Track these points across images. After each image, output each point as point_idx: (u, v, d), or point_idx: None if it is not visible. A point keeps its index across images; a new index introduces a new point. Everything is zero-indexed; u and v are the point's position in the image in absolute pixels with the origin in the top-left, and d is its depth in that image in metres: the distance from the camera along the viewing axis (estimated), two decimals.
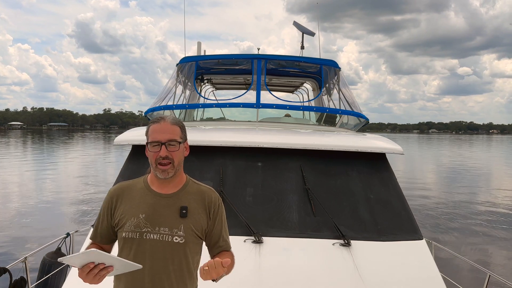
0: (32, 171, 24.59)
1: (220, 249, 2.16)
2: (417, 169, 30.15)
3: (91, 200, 15.07)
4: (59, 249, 4.74)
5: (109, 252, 2.16)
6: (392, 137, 4.54)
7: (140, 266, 1.83)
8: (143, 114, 5.53)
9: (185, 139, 2.12)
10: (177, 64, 5.83)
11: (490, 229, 12.18)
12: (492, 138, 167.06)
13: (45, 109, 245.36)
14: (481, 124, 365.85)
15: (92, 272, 1.74)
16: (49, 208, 14.01)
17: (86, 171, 25.18)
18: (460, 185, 21.59)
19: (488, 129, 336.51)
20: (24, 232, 10.85)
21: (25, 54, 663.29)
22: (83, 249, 3.20)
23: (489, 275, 3.80)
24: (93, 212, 13.14)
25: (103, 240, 2.16)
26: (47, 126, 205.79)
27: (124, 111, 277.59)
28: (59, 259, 1.73)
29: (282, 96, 9.42)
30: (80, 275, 1.77)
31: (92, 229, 3.42)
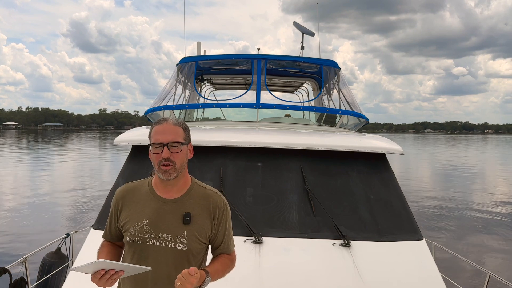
0: (30, 171, 24.50)
1: (219, 252, 2.16)
2: (414, 168, 30.24)
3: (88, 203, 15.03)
4: (59, 249, 4.73)
5: (122, 248, 2.19)
6: (388, 137, 4.57)
7: (149, 268, 1.86)
8: (144, 114, 5.52)
9: (189, 141, 2.10)
10: (177, 64, 5.81)
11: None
12: (487, 138, 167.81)
13: (40, 109, 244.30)
14: (476, 124, 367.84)
15: (103, 277, 1.78)
16: (46, 208, 13.97)
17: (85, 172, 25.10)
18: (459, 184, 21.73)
19: (483, 129, 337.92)
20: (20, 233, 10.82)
21: (20, 54, 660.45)
22: (87, 249, 3.21)
23: (489, 275, 3.82)
24: (90, 211, 13.13)
25: (113, 238, 2.18)
26: (42, 126, 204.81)
27: (119, 111, 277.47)
28: (71, 269, 1.83)
29: (282, 96, 9.44)
30: (93, 280, 1.80)
31: (91, 230, 3.46)
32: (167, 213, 2.03)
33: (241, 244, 3.24)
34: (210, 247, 2.18)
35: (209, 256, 2.19)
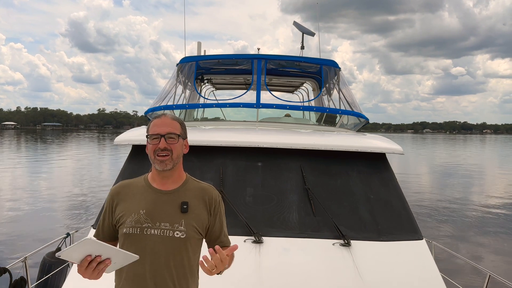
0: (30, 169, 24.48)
1: (221, 245, 2.16)
2: (413, 168, 30.27)
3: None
4: (59, 249, 4.72)
5: None
6: (386, 137, 4.57)
7: (137, 256, 1.83)
8: (144, 114, 5.53)
9: (185, 136, 2.17)
10: (177, 64, 5.82)
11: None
12: (485, 138, 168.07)
13: (39, 109, 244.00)
14: (475, 124, 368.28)
15: (90, 266, 1.75)
16: (45, 208, 13.96)
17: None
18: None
19: (481, 129, 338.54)
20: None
21: (18, 54, 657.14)
22: None
23: (489, 275, 3.82)
24: (90, 211, 13.13)
25: (105, 238, 2.18)
26: (41, 126, 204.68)
27: (118, 111, 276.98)
28: (57, 254, 1.75)
29: (282, 96, 9.46)
30: (79, 271, 1.78)
31: (91, 229, 3.45)
32: (164, 203, 2.08)
33: (241, 244, 3.22)
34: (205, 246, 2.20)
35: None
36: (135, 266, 1.95)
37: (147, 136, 2.09)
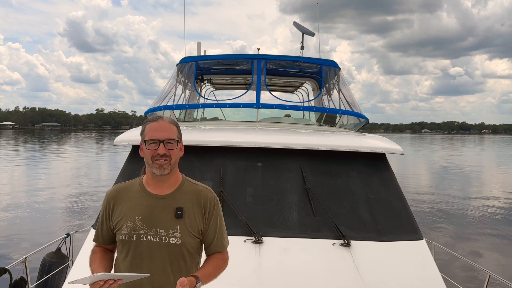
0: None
1: (213, 250, 2.17)
2: (411, 167, 30.32)
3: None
4: (59, 249, 4.72)
5: (113, 251, 2.20)
6: (385, 137, 4.58)
7: (148, 274, 1.87)
8: (144, 114, 5.53)
9: (181, 139, 2.14)
10: (177, 64, 5.83)
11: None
12: (484, 138, 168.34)
13: (37, 109, 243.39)
14: (473, 124, 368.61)
15: (103, 287, 1.78)
16: (45, 208, 13.94)
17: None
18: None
19: (480, 129, 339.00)
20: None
21: (16, 53, 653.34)
22: (87, 249, 3.20)
23: (489, 275, 3.82)
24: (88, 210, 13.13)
25: (105, 241, 2.19)
26: (39, 126, 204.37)
27: (117, 111, 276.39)
28: (69, 282, 1.81)
29: (281, 96, 9.47)
30: None
31: (91, 230, 3.45)
32: (160, 208, 2.06)
33: (241, 244, 3.25)
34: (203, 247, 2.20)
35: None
36: (133, 272, 1.97)
37: (144, 141, 2.05)
